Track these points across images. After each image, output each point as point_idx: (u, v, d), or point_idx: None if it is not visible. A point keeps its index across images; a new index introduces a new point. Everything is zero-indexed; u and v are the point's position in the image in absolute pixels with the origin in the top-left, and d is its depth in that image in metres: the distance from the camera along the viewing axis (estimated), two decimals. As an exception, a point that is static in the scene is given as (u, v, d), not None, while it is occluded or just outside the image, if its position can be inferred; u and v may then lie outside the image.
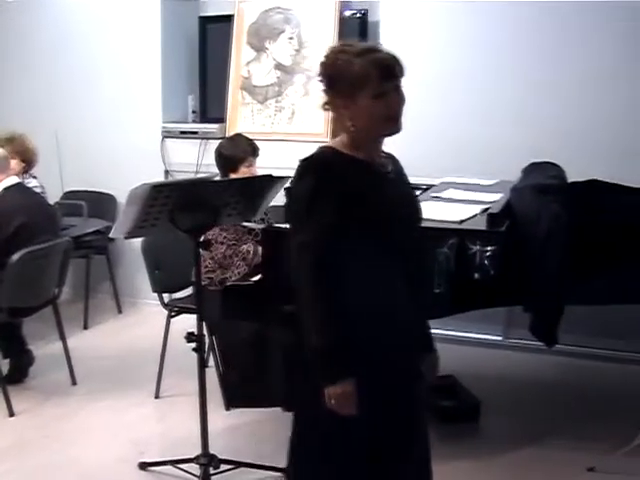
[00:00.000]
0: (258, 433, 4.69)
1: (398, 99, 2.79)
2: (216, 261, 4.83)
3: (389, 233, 2.70)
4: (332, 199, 2.62)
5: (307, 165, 2.76)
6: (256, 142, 5.17)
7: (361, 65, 2.68)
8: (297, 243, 2.67)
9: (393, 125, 2.79)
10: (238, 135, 5.32)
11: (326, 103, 2.82)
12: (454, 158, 5.84)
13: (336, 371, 2.64)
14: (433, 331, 5.95)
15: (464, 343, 5.96)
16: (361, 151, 2.79)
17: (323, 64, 2.76)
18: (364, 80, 2.67)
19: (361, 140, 2.78)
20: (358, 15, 6.48)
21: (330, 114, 2.86)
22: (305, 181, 2.71)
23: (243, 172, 4.96)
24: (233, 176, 4.97)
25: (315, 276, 2.64)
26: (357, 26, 6.45)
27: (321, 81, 2.78)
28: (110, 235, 4.10)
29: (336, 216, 2.61)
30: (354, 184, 2.68)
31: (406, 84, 6.29)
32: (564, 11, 5.59)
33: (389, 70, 2.74)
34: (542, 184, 4.28)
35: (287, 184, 3.46)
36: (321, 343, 2.63)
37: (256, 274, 4.31)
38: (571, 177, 4.55)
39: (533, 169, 4.68)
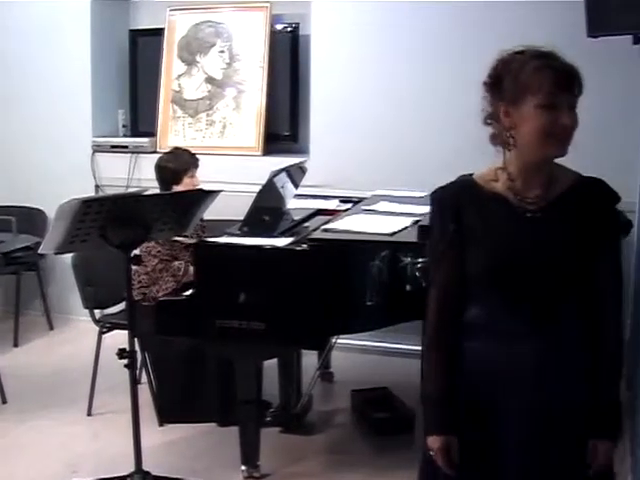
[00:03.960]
0: (192, 449, 4.66)
1: (569, 118, 2.36)
2: (151, 277, 4.81)
3: (509, 283, 2.42)
4: (449, 237, 2.46)
5: (431, 198, 2.60)
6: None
7: (535, 67, 2.37)
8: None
9: (556, 145, 2.38)
10: (177, 148, 5.35)
11: (489, 117, 2.53)
12: (386, 171, 5.88)
13: (433, 424, 2.53)
14: (366, 343, 5.99)
15: (397, 355, 5.98)
16: (507, 180, 2.49)
17: (496, 63, 2.49)
18: (534, 84, 2.35)
19: (517, 161, 2.47)
20: (289, 29, 6.50)
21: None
22: (430, 215, 2.60)
23: (186, 183, 5.02)
24: (176, 188, 5.00)
25: (432, 319, 2.53)
26: (288, 40, 6.48)
27: (487, 83, 2.52)
28: (40, 251, 4.05)
29: (453, 257, 2.46)
30: (471, 223, 2.46)
31: (336, 98, 6.36)
32: (487, 18, 5.68)
33: (566, 81, 2.37)
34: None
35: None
36: (428, 391, 2.51)
37: (187, 289, 4.29)
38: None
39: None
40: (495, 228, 2.47)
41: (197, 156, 5.15)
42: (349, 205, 5.07)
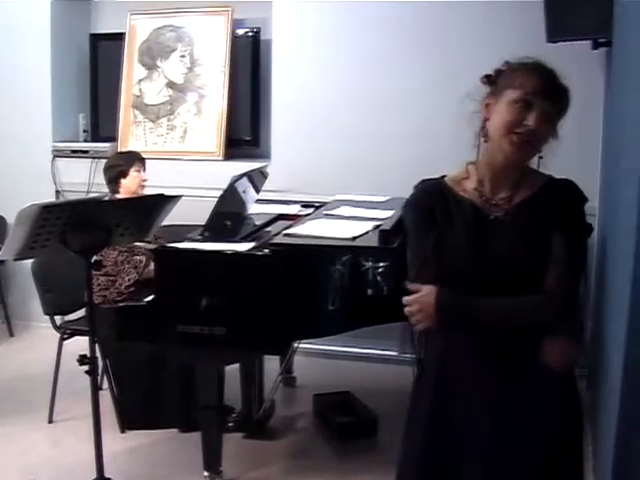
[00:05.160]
0: (154, 455, 4.64)
1: (537, 122, 2.41)
2: (109, 277, 4.81)
3: (473, 286, 2.45)
4: (432, 239, 2.51)
5: (408, 201, 2.67)
6: (148, 161, 5.29)
7: (527, 69, 2.46)
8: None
9: (516, 145, 2.43)
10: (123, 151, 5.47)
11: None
12: (347, 176, 5.89)
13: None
14: (328, 348, 5.99)
15: (360, 359, 6.00)
16: (476, 182, 2.57)
17: (503, 63, 2.56)
18: (517, 81, 2.44)
19: (487, 157, 2.55)
20: (250, 33, 6.50)
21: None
22: (404, 217, 2.70)
23: (133, 177, 5.15)
24: (123, 182, 5.12)
25: None
26: (250, 44, 6.48)
27: (487, 76, 2.58)
28: (-1, 257, 4.02)
29: (437, 257, 2.50)
30: (440, 228, 2.53)
31: (298, 103, 6.34)
32: (449, 19, 5.73)
33: (548, 88, 2.43)
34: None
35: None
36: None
37: (148, 294, 4.27)
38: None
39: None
40: (459, 231, 2.51)
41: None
42: (310, 210, 5.08)
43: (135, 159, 5.21)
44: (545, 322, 2.47)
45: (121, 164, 5.16)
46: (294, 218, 4.86)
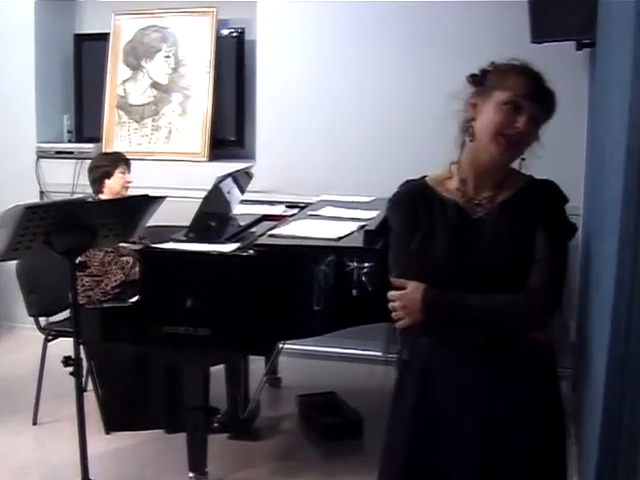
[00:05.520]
0: (139, 456, 4.63)
1: (526, 125, 2.45)
2: (94, 279, 4.81)
3: (455, 285, 2.48)
4: (418, 238, 2.53)
5: (390, 201, 2.70)
6: (133, 162, 5.29)
7: (516, 72, 2.49)
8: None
9: (503, 146, 2.46)
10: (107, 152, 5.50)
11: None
12: (332, 176, 5.89)
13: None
14: (313, 348, 5.99)
15: (344, 359, 6.00)
16: (459, 182, 2.59)
17: (490, 64, 2.58)
18: (506, 83, 2.47)
19: (470, 157, 2.56)
20: (235, 34, 6.49)
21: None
22: (388, 217, 2.73)
23: (117, 178, 5.18)
24: (108, 182, 5.15)
25: None
26: (234, 45, 6.48)
27: (473, 76, 2.59)
28: (-18, 258, 4.00)
29: (422, 255, 2.53)
30: (423, 228, 2.55)
31: (282, 103, 6.34)
32: (435, 18, 5.75)
33: (538, 92, 2.47)
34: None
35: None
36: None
37: (134, 295, 4.26)
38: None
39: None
40: (442, 231, 2.53)
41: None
42: (295, 210, 5.07)
43: (120, 160, 5.23)
44: (529, 320, 2.50)
45: (106, 165, 5.17)
46: (279, 219, 4.85)
